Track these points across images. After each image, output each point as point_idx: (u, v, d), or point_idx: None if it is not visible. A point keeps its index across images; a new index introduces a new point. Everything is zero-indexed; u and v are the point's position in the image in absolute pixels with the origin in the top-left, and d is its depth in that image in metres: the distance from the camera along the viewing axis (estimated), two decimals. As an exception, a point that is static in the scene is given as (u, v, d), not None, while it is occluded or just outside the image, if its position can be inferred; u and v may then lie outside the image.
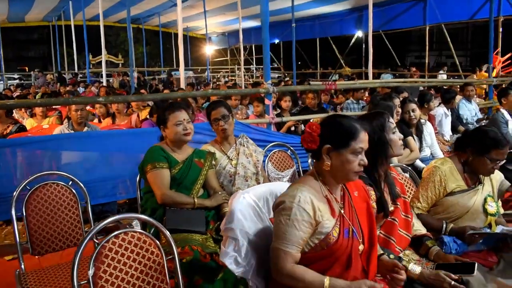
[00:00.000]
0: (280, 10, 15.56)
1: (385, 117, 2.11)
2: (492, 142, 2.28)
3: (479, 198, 2.35)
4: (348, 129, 1.70)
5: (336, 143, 1.70)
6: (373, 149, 2.01)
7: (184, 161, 2.78)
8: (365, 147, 1.69)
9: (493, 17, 11.26)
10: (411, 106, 3.98)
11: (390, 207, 2.12)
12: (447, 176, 2.34)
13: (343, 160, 1.68)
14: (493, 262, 2.26)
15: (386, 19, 14.98)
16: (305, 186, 1.69)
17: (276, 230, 1.66)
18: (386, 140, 2.06)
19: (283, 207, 1.64)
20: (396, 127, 2.14)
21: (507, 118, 4.65)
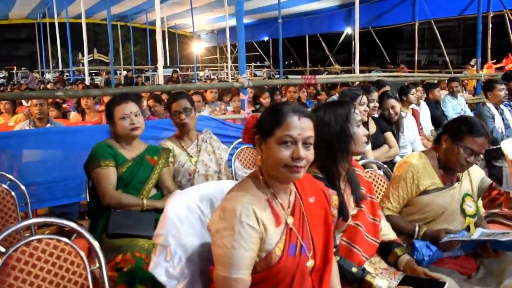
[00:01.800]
0: (268, 7, 15.32)
1: (351, 107, 1.84)
2: (467, 128, 2.02)
3: (456, 197, 2.09)
4: (272, 113, 1.42)
5: (262, 131, 1.43)
6: (333, 142, 1.77)
7: (134, 159, 2.51)
8: (298, 135, 1.37)
9: (482, 13, 11.26)
10: (390, 102, 3.73)
11: (353, 210, 1.85)
12: (420, 172, 2.08)
13: (269, 151, 1.39)
14: (471, 269, 2.02)
15: (375, 16, 14.84)
16: (244, 194, 1.38)
17: (220, 256, 1.33)
18: (349, 133, 1.78)
19: (223, 226, 1.33)
20: (361, 121, 1.85)
21: (493, 112, 4.42)
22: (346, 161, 1.82)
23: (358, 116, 1.82)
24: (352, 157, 1.84)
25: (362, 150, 1.82)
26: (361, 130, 1.81)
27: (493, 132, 4.29)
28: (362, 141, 1.79)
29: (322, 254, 1.49)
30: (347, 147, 1.78)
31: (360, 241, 1.83)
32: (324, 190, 1.59)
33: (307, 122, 1.41)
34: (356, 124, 1.80)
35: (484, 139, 2.01)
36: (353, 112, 1.82)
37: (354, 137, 1.78)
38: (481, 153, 2.03)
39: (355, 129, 1.79)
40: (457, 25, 29.67)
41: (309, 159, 1.40)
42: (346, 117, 1.80)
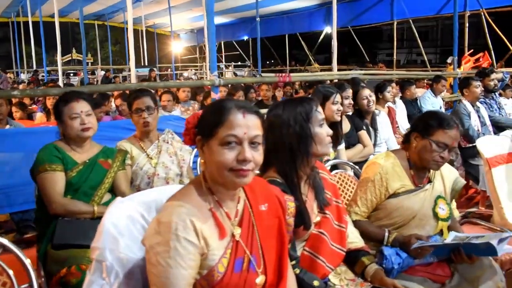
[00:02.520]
0: (247, 6, 15.14)
1: (313, 105, 1.67)
2: (437, 122, 1.89)
3: (428, 200, 1.95)
4: (214, 111, 1.25)
5: (203, 132, 1.26)
6: (292, 143, 1.61)
7: (85, 162, 2.31)
8: (244, 134, 1.20)
9: (459, 12, 11.32)
10: (366, 91, 3.62)
11: (316, 217, 1.70)
12: (389, 174, 1.93)
13: (212, 154, 1.21)
14: (445, 276, 1.88)
15: (354, 15, 14.80)
16: (182, 204, 1.21)
17: (154, 275, 1.16)
18: (310, 133, 1.62)
19: (157, 241, 1.16)
20: (324, 120, 1.68)
21: (469, 110, 4.32)
22: (307, 164, 1.65)
23: (321, 114, 1.65)
24: (314, 159, 1.68)
25: (325, 151, 1.65)
26: (324, 130, 1.64)
27: (469, 130, 4.20)
28: (325, 142, 1.63)
29: (274, 269, 1.32)
30: (307, 148, 1.62)
31: (324, 250, 1.67)
32: (279, 197, 1.42)
33: (253, 119, 1.23)
34: (318, 123, 1.64)
35: (456, 131, 1.89)
36: (315, 110, 1.65)
37: (315, 137, 1.62)
38: (454, 147, 1.90)
39: (317, 129, 1.63)
40: (435, 24, 29.99)
41: (258, 161, 1.23)
42: (307, 115, 1.63)
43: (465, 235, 1.88)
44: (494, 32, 12.17)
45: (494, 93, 5.00)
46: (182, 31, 24.39)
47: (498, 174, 2.84)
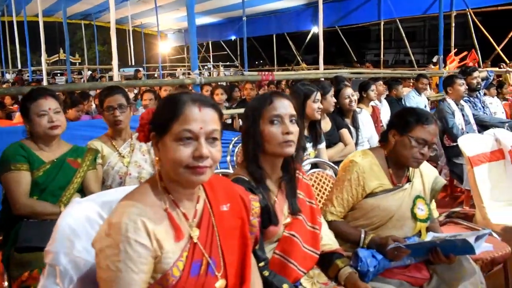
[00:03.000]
0: (234, 6, 15.06)
1: (267, 101, 1.57)
2: (415, 118, 1.83)
3: (406, 200, 1.88)
4: (168, 104, 1.17)
5: (157, 127, 1.18)
6: (244, 139, 1.59)
7: (52, 161, 2.22)
8: (200, 129, 1.13)
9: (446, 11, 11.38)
10: (348, 90, 3.56)
11: (286, 219, 1.62)
12: (367, 172, 1.86)
13: (166, 150, 1.14)
14: (423, 279, 1.82)
15: (341, 14, 14.84)
16: (134, 204, 1.12)
17: (104, 281, 1.08)
18: (257, 130, 1.55)
19: (107, 244, 1.08)
20: (280, 118, 1.55)
21: (453, 108, 4.28)
22: (271, 162, 1.59)
23: (275, 110, 1.56)
24: (276, 159, 1.60)
25: (278, 151, 1.55)
26: (277, 128, 1.55)
27: (453, 129, 4.16)
28: (278, 141, 1.53)
29: (236, 272, 1.25)
30: (255, 146, 1.55)
31: (296, 253, 1.60)
32: (242, 196, 1.34)
33: (210, 113, 1.16)
34: (269, 119, 1.55)
35: (434, 126, 1.83)
36: (269, 106, 1.57)
37: (264, 135, 1.54)
38: (433, 143, 1.84)
39: (267, 127, 1.54)
40: (422, 25, 30.17)
41: (215, 158, 1.16)
42: (259, 112, 1.56)
43: (443, 235, 1.82)
44: (480, 32, 12.25)
45: (478, 92, 4.97)
46: (169, 31, 24.24)
47: (480, 173, 2.79)
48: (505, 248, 2.29)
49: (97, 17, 21.31)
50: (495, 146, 2.99)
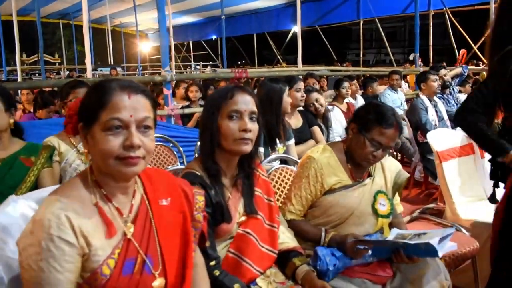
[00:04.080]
0: (213, 5, 14.94)
1: (228, 95, 1.49)
2: (376, 117, 1.74)
3: (367, 195, 1.81)
4: (95, 92, 1.09)
5: (84, 117, 1.09)
6: (201, 133, 1.53)
7: (3, 160, 2.10)
8: (130, 117, 1.05)
9: (424, 11, 11.47)
10: (313, 96, 3.49)
11: (241, 217, 1.54)
12: (325, 168, 1.78)
13: (95, 141, 1.06)
14: (386, 276, 1.75)
15: (321, 14, 14.84)
16: (59, 198, 1.04)
17: (27, 281, 1.00)
18: (214, 124, 1.48)
19: (30, 242, 1.00)
20: (239, 113, 1.47)
21: (426, 104, 4.26)
22: (227, 158, 1.52)
23: (235, 105, 1.48)
24: (232, 156, 1.52)
25: (234, 148, 1.47)
26: (236, 124, 1.47)
27: (426, 125, 4.14)
28: (234, 138, 1.45)
29: (177, 270, 1.17)
30: (213, 140, 1.48)
31: (251, 252, 1.52)
32: (186, 190, 1.27)
33: (141, 100, 1.09)
34: (227, 115, 1.47)
35: (393, 130, 1.73)
36: (230, 100, 1.49)
37: (221, 130, 1.47)
38: (390, 146, 1.76)
39: (225, 122, 1.47)
40: (403, 25, 30.44)
41: (148, 148, 1.08)
42: (218, 105, 1.48)
43: (407, 232, 1.76)
44: (459, 31, 12.35)
45: (452, 89, 4.97)
46: (150, 30, 23.99)
47: (449, 168, 2.75)
48: (473, 244, 2.25)
49: (75, 17, 20.97)
50: (465, 141, 2.96)
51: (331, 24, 15.33)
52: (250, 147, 1.50)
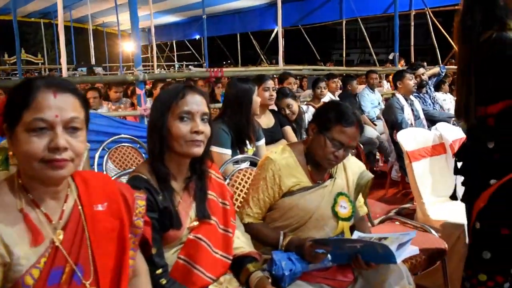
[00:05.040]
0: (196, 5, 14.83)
1: (179, 94, 1.40)
2: (335, 115, 1.67)
3: (327, 197, 1.74)
4: (19, 92, 1.01)
5: (8, 118, 1.02)
6: (150, 133, 1.43)
7: None
8: (55, 118, 0.98)
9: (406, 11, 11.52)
10: (286, 101, 3.41)
11: (193, 222, 1.47)
12: (283, 170, 1.71)
13: (19, 143, 0.99)
14: (347, 281, 1.69)
15: (304, 13, 14.82)
16: None
17: None
18: (164, 125, 1.39)
19: None
20: (190, 114, 1.40)
21: (402, 103, 4.22)
22: (177, 161, 1.44)
23: (186, 106, 1.40)
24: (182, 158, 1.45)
25: (184, 150, 1.39)
26: (187, 126, 1.39)
27: (402, 124, 4.10)
28: (185, 140, 1.38)
29: (111, 279, 1.10)
30: (162, 142, 1.40)
31: (203, 259, 1.44)
32: (125, 194, 1.19)
33: (68, 99, 1.02)
34: (180, 116, 1.40)
35: (355, 129, 1.68)
36: (181, 101, 1.41)
37: (171, 131, 1.39)
38: (351, 146, 1.70)
39: (176, 123, 1.38)
40: (387, 25, 30.61)
41: (77, 150, 1.02)
42: (168, 105, 1.40)
43: (369, 235, 1.70)
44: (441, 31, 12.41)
45: (429, 88, 4.96)
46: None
47: (420, 167, 2.71)
48: (442, 245, 2.21)
49: (56, 16, 20.61)
50: (436, 140, 2.92)
51: (314, 24, 15.32)
52: (202, 149, 1.43)
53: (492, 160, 1.68)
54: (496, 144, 1.68)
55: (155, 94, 5.69)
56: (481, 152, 1.73)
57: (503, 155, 1.66)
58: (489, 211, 1.70)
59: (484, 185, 1.70)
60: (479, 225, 1.74)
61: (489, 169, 1.69)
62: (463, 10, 1.79)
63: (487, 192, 1.69)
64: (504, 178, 1.64)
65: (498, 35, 1.62)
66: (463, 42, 1.78)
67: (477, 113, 1.75)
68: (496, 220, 1.69)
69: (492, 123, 1.71)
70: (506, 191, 1.64)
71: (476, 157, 1.76)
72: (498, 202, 1.66)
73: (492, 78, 1.67)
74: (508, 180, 1.63)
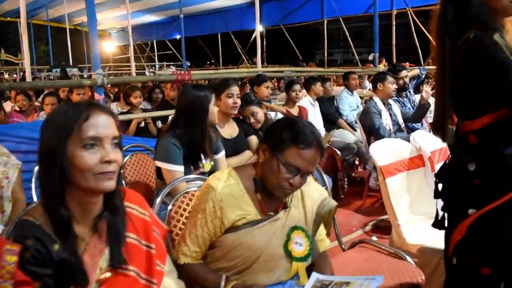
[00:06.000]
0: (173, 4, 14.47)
1: (83, 116, 1.12)
2: (291, 135, 1.39)
3: (278, 233, 1.45)
4: None
5: None
6: (40, 163, 1.15)
7: None
8: None
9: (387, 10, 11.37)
10: (250, 109, 3.11)
11: (105, 273, 1.16)
12: (225, 200, 1.42)
13: None
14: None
15: (285, 13, 14.60)
16: None
17: None
18: (64, 156, 1.09)
19: None
20: (98, 140, 1.11)
21: (380, 107, 3.96)
22: (83, 199, 1.14)
23: (95, 131, 1.11)
24: (95, 194, 1.15)
25: (93, 185, 1.09)
26: (95, 155, 1.09)
27: (379, 130, 3.85)
28: (94, 172, 1.08)
29: None
30: (62, 176, 1.09)
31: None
32: None
33: None
34: (84, 143, 1.10)
35: (313, 151, 1.39)
36: (84, 123, 1.10)
37: (73, 163, 1.08)
38: (310, 171, 1.42)
39: (79, 152, 1.08)
40: (369, 25, 30.53)
41: None
42: (68, 130, 1.09)
43: (329, 278, 1.42)
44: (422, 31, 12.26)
45: (408, 91, 4.71)
46: (113, 29, 23.20)
47: (395, 184, 2.44)
48: (418, 276, 1.94)
49: (33, 15, 20.13)
50: (414, 152, 2.66)
51: (295, 23, 15.10)
52: (114, 182, 1.13)
53: (472, 185, 1.43)
54: (478, 166, 1.42)
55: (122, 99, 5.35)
56: (461, 175, 1.47)
57: (485, 180, 1.41)
58: (467, 246, 1.46)
59: (462, 214, 1.45)
60: (456, 260, 1.50)
61: (468, 196, 1.44)
62: (438, 11, 1.54)
63: (465, 223, 1.44)
64: (484, 209, 1.38)
65: (476, 34, 1.37)
66: (438, 45, 1.53)
67: (458, 129, 1.51)
68: (475, 256, 1.44)
69: (474, 141, 1.45)
70: (486, 224, 1.39)
71: (455, 180, 1.51)
72: (477, 236, 1.41)
73: (471, 87, 1.41)
74: (488, 212, 1.38)
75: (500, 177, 1.38)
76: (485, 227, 1.39)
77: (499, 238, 1.38)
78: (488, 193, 1.38)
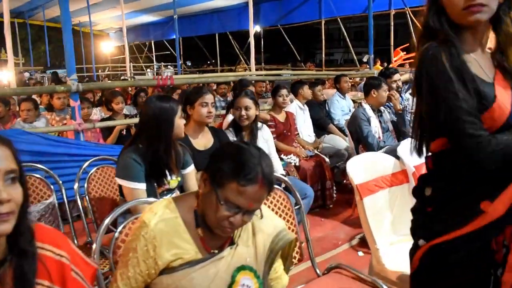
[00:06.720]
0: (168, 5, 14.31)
1: None
2: (232, 167, 1.19)
3: (221, 274, 1.26)
4: None
5: None
6: None
7: None
8: None
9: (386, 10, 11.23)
10: (245, 101, 3.06)
11: None
12: (159, 238, 1.22)
13: None
14: None
15: (283, 13, 14.48)
16: None
17: None
18: None
19: None
20: None
21: (369, 114, 3.76)
22: None
23: None
24: None
25: None
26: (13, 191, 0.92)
27: (368, 137, 3.66)
28: None
29: None
30: None
31: None
32: None
33: None
34: None
35: (257, 188, 1.18)
36: None
37: None
38: (253, 210, 1.22)
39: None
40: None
41: None
42: None
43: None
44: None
45: (401, 96, 4.51)
46: (111, 30, 23.09)
47: (374, 202, 2.25)
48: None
49: (30, 15, 20.07)
50: (398, 167, 2.47)
51: (293, 23, 14.95)
52: (11, 224, 0.95)
53: (425, 213, 1.29)
54: (433, 191, 1.28)
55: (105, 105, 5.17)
56: (420, 199, 1.35)
57: (437, 208, 1.26)
58: (419, 280, 1.33)
59: (415, 244, 1.33)
60: None
61: (420, 224, 1.32)
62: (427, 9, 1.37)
63: (417, 254, 1.30)
64: (433, 241, 1.24)
65: (428, 46, 1.20)
66: None
67: None
68: None
69: (430, 165, 1.32)
70: (435, 258, 1.24)
71: (416, 205, 1.37)
72: (427, 270, 1.27)
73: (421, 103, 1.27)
74: (435, 245, 1.23)
75: (450, 209, 1.23)
76: (435, 261, 1.25)
77: (446, 273, 1.24)
78: (439, 224, 1.24)
